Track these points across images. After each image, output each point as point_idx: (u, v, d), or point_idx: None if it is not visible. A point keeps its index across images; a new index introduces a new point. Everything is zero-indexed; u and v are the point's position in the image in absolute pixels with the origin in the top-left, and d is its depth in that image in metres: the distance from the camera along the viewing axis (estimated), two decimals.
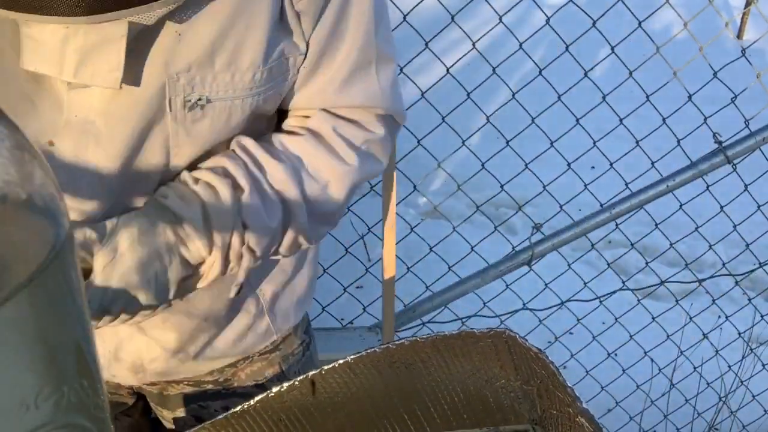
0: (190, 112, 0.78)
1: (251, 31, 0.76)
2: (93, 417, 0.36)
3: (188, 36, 0.74)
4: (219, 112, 0.80)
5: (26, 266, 0.29)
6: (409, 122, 1.93)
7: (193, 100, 0.77)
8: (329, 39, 0.83)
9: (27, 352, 0.31)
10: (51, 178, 0.32)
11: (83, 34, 0.69)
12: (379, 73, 0.88)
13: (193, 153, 0.82)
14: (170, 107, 0.77)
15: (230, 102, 0.79)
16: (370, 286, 2.25)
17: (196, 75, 0.76)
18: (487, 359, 0.79)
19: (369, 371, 0.79)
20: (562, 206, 2.05)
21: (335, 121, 0.88)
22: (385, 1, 0.88)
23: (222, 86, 0.78)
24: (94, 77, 0.71)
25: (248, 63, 0.78)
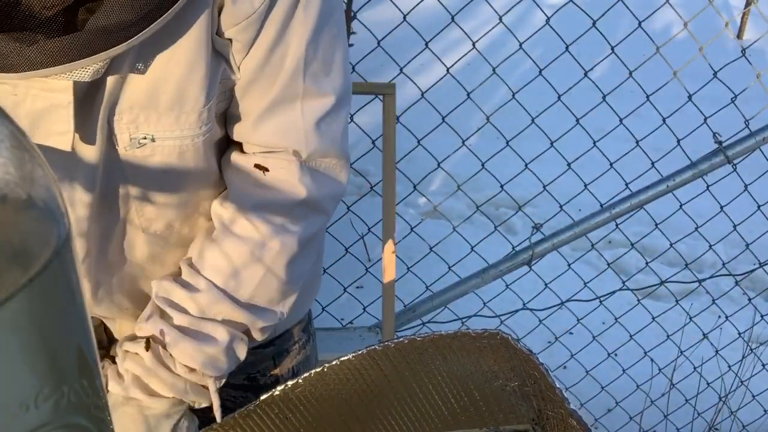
0: (139, 148, 0.78)
1: (191, 74, 0.76)
2: (93, 417, 0.36)
3: (131, 79, 0.75)
4: (169, 151, 0.80)
5: (26, 266, 0.29)
6: (409, 122, 1.93)
7: (139, 138, 0.78)
8: (258, 70, 0.80)
9: (27, 352, 0.31)
10: (51, 178, 0.32)
11: (31, 101, 0.71)
12: (305, 110, 0.83)
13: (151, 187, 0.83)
14: (117, 142, 0.78)
15: (180, 141, 0.79)
16: (370, 286, 2.25)
17: (139, 114, 0.77)
18: (485, 359, 0.79)
19: (371, 368, 0.80)
20: (562, 206, 2.05)
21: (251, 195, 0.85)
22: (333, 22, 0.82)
23: (167, 126, 0.78)
24: (47, 139, 0.73)
25: (192, 104, 0.77)
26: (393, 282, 1.66)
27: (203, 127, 0.80)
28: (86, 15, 0.66)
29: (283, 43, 0.79)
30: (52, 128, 0.73)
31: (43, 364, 0.32)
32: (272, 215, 0.86)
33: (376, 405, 0.82)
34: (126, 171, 0.81)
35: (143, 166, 0.80)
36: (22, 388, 0.31)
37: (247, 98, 0.82)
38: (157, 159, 0.80)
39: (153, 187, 0.83)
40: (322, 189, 0.89)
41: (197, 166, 0.83)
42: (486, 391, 0.81)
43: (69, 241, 0.32)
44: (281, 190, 0.86)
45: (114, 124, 0.77)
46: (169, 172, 0.82)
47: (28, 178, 0.30)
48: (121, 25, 0.66)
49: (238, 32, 0.76)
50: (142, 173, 0.81)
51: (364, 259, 2.32)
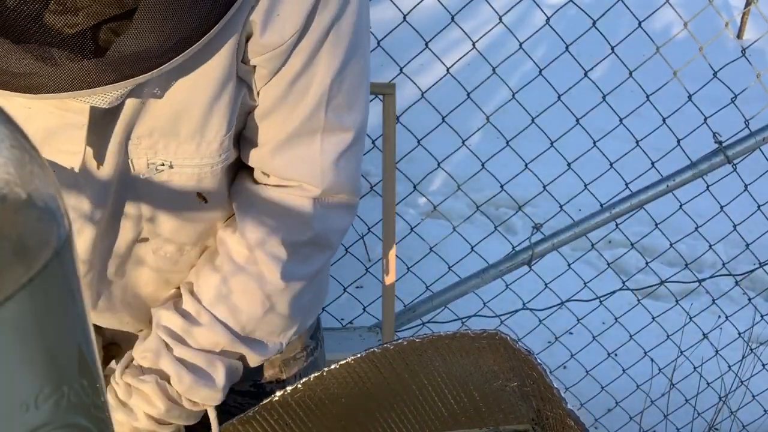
0: (156, 174, 0.77)
1: (215, 103, 0.74)
2: (93, 417, 0.36)
3: (151, 104, 0.72)
4: (187, 178, 0.78)
5: (26, 266, 0.29)
6: (409, 122, 1.93)
7: (157, 164, 0.76)
8: (279, 98, 0.78)
9: (27, 352, 0.31)
10: (51, 178, 0.32)
11: (44, 117, 0.69)
12: (324, 144, 0.81)
13: (167, 215, 0.82)
14: (133, 167, 0.76)
15: (198, 169, 0.78)
16: (370, 286, 2.25)
17: (159, 140, 0.75)
18: (484, 359, 0.79)
19: (370, 371, 0.79)
20: (562, 206, 2.05)
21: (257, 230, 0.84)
22: (360, 55, 0.80)
23: (187, 154, 0.76)
24: (56, 155, 0.71)
25: (213, 133, 0.75)
26: (393, 282, 1.66)
27: (223, 155, 0.78)
28: (109, 35, 0.63)
29: (308, 74, 0.76)
30: (63, 146, 0.71)
31: (43, 364, 0.32)
32: (280, 252, 0.84)
33: (375, 407, 0.82)
34: (140, 193, 0.79)
35: (159, 190, 0.79)
36: (22, 388, 0.31)
37: (265, 125, 0.80)
38: (175, 184, 0.78)
39: (169, 211, 0.81)
40: (331, 225, 0.87)
41: (214, 191, 0.82)
42: (486, 391, 0.81)
43: (69, 241, 0.32)
44: (291, 226, 0.85)
45: (131, 148, 0.75)
46: (186, 197, 0.80)
47: (28, 178, 0.30)
48: (147, 53, 0.63)
49: (264, 61, 0.74)
50: (158, 197, 0.79)
51: (364, 259, 2.32)
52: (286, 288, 0.85)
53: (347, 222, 0.90)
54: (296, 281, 0.86)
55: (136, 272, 0.88)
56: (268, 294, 0.85)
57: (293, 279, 0.86)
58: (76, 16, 0.61)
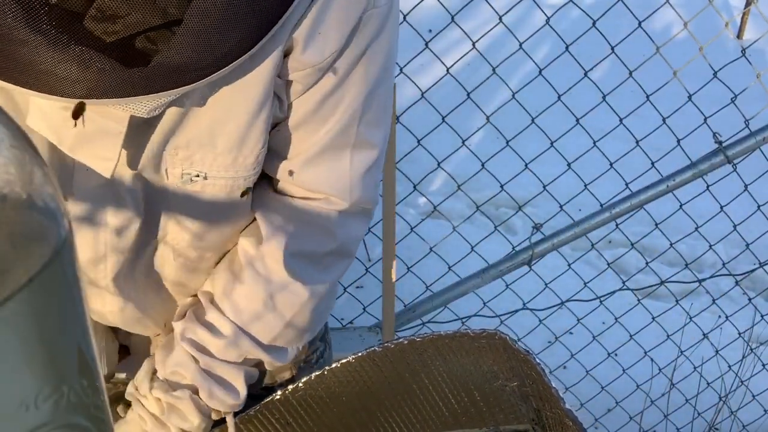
0: (188, 184, 0.77)
1: (255, 118, 0.74)
2: (93, 417, 0.36)
3: (190, 115, 0.72)
4: (219, 189, 0.78)
5: (26, 266, 0.29)
6: (409, 122, 1.93)
7: (192, 174, 0.76)
8: (310, 113, 0.78)
9: (27, 352, 0.31)
10: (51, 178, 0.32)
11: (81, 122, 0.68)
12: (354, 159, 0.82)
13: (193, 223, 0.82)
14: (167, 176, 0.76)
15: (232, 181, 0.78)
16: (370, 286, 2.25)
17: (196, 152, 0.75)
18: (484, 359, 0.79)
19: (371, 370, 0.80)
20: (562, 206, 2.05)
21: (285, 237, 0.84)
22: (389, 76, 0.81)
23: (223, 167, 0.76)
24: (89, 160, 0.71)
25: (251, 147, 0.76)
26: (393, 282, 1.66)
27: (257, 167, 0.78)
28: (145, 43, 0.63)
29: (342, 90, 0.77)
30: (98, 152, 0.70)
31: (43, 364, 0.32)
32: (304, 262, 0.86)
33: (376, 406, 0.82)
34: (170, 201, 0.79)
35: (191, 199, 0.79)
36: (22, 388, 0.31)
37: (296, 139, 0.80)
38: (207, 195, 0.78)
39: (197, 219, 0.81)
40: (352, 235, 0.89)
41: (243, 202, 0.82)
42: (486, 391, 0.81)
43: (69, 241, 0.32)
44: (316, 237, 0.86)
45: (166, 158, 0.75)
46: (216, 207, 0.80)
47: (28, 178, 0.30)
48: (193, 64, 0.63)
49: (301, 77, 0.75)
50: (188, 206, 0.79)
51: (364, 259, 2.32)
52: (310, 298, 0.87)
53: (365, 230, 0.92)
54: (319, 290, 0.88)
55: (159, 274, 0.88)
56: (291, 303, 0.86)
57: (316, 288, 0.87)
58: (115, 24, 0.61)
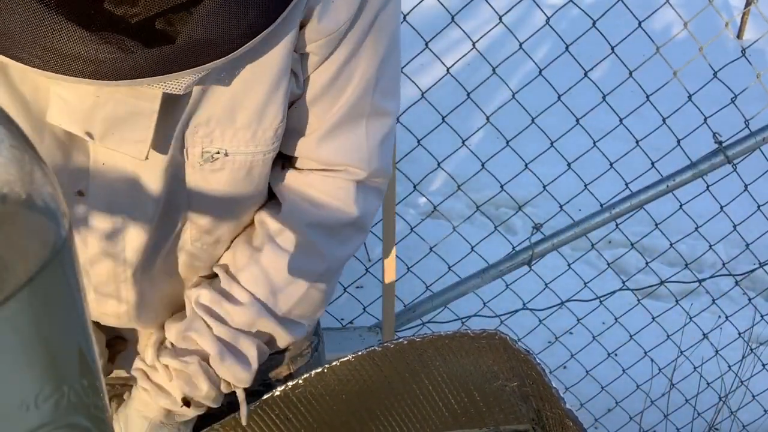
0: (209, 163, 0.77)
1: (274, 92, 0.75)
2: (93, 417, 0.36)
3: (210, 91, 0.73)
4: (239, 166, 0.78)
5: (26, 266, 0.29)
6: (409, 122, 1.93)
7: (212, 152, 0.76)
8: (326, 86, 0.79)
9: (27, 352, 0.31)
10: (51, 178, 0.32)
11: (113, 104, 0.68)
12: (369, 129, 0.83)
13: (211, 201, 0.81)
14: (187, 156, 0.76)
15: (251, 157, 0.78)
16: (370, 286, 2.25)
17: (215, 128, 0.75)
18: (484, 358, 0.79)
19: (371, 369, 0.80)
20: (562, 206, 2.05)
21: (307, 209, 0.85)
22: (397, 45, 0.83)
23: (243, 142, 0.77)
24: (120, 145, 0.70)
25: (270, 121, 0.76)
26: (393, 282, 1.66)
27: (276, 142, 0.79)
28: (164, 24, 0.64)
29: (355, 60, 0.78)
30: (129, 135, 0.70)
31: (43, 364, 0.32)
32: (322, 234, 0.86)
33: (376, 405, 0.82)
34: (190, 184, 0.79)
35: (210, 179, 0.79)
36: (22, 388, 0.31)
37: (312, 113, 0.81)
38: (226, 173, 0.79)
39: (215, 200, 0.81)
40: (369, 207, 0.88)
41: (260, 181, 0.82)
42: (486, 391, 0.81)
43: (69, 241, 0.32)
44: (335, 209, 0.85)
45: (187, 137, 0.75)
46: (235, 186, 0.80)
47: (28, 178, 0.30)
48: (223, 37, 0.64)
49: (317, 47, 0.76)
50: (207, 186, 0.79)
51: (364, 259, 2.32)
52: (327, 270, 0.87)
53: (379, 205, 0.92)
54: (336, 263, 0.88)
55: (173, 266, 0.87)
56: (309, 275, 0.86)
57: (333, 261, 0.87)
58: (135, 6, 0.62)
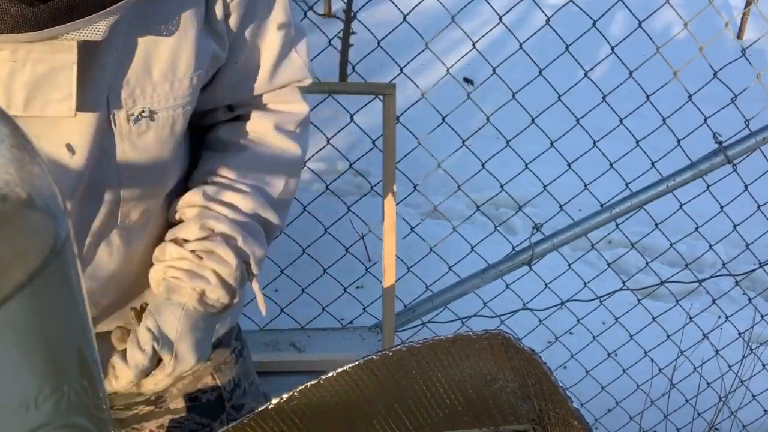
0: (135, 125, 0.79)
1: (182, 40, 0.78)
2: (93, 417, 0.36)
3: (125, 50, 0.75)
4: (163, 123, 0.81)
5: (26, 266, 0.29)
6: (409, 122, 1.93)
7: (136, 113, 0.78)
8: (255, 29, 0.87)
9: (27, 352, 0.31)
10: (51, 178, 0.32)
11: (31, 66, 0.69)
12: (298, 48, 0.94)
13: (141, 168, 0.83)
14: (114, 123, 0.78)
15: (172, 111, 0.82)
16: (370, 286, 2.25)
17: (135, 87, 0.77)
18: (484, 361, 0.79)
19: (368, 379, 0.79)
20: (562, 206, 2.05)
21: (270, 118, 0.95)
22: None
23: (163, 96, 0.80)
24: (44, 108, 0.71)
25: (184, 70, 0.80)
26: (393, 282, 1.66)
27: (193, 94, 0.83)
28: None
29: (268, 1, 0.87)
30: (52, 95, 0.71)
31: (43, 364, 0.32)
32: (286, 131, 0.97)
33: (373, 414, 0.81)
34: (120, 154, 0.81)
35: (138, 144, 0.81)
36: (23, 388, 0.31)
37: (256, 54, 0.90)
38: (152, 133, 0.81)
39: (145, 168, 0.84)
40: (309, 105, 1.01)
41: (182, 140, 0.88)
42: (485, 393, 0.81)
43: (69, 241, 0.32)
44: (292, 112, 0.97)
45: (110, 100, 0.77)
46: (162, 147, 0.84)
47: (28, 178, 0.30)
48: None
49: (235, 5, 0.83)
50: (136, 154, 0.82)
51: (364, 259, 2.32)
52: (301, 157, 0.99)
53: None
54: (304, 153, 1.00)
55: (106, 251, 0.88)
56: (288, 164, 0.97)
57: (302, 150, 0.99)
58: None
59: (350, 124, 1.86)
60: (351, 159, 1.96)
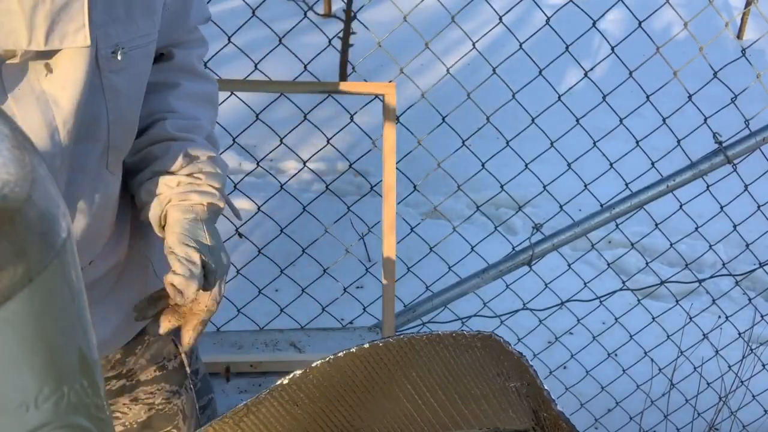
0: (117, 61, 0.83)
1: None
2: (93, 417, 0.36)
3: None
4: (138, 60, 0.87)
5: (26, 266, 0.29)
6: (409, 122, 1.93)
7: (118, 50, 0.83)
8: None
9: (27, 352, 0.31)
10: (51, 178, 0.32)
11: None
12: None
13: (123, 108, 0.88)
14: (98, 62, 0.82)
15: (145, 47, 0.87)
16: (370, 286, 2.25)
17: (117, 24, 0.82)
18: (482, 360, 0.80)
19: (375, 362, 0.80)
20: (562, 206, 2.05)
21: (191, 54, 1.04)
22: None
23: (137, 33, 0.85)
24: (63, 41, 0.75)
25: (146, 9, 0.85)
26: (393, 282, 1.66)
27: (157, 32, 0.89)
28: None
29: None
30: (68, 27, 0.75)
31: (43, 364, 0.32)
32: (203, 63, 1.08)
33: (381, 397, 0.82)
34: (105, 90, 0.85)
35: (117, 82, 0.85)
36: (23, 388, 0.31)
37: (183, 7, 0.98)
38: (131, 71, 0.86)
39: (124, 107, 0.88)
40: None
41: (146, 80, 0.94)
42: (486, 391, 0.81)
43: (69, 241, 0.32)
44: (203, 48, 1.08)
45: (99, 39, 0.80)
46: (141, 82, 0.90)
47: (28, 178, 0.30)
48: None
49: None
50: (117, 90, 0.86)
51: (364, 259, 2.32)
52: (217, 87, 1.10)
53: None
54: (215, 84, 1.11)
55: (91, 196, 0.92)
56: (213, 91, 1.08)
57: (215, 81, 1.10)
58: None
59: (350, 124, 1.86)
60: (351, 159, 1.96)
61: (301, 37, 2.24)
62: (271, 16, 2.24)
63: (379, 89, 1.58)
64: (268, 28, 1.92)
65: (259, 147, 3.45)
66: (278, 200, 2.06)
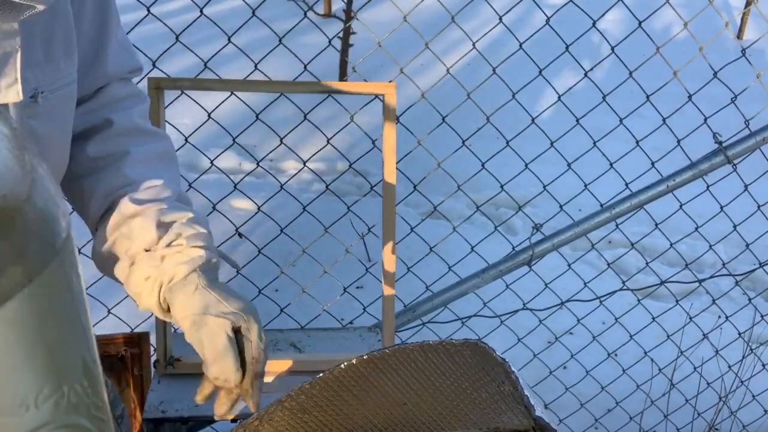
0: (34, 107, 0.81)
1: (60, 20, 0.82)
2: (93, 417, 0.36)
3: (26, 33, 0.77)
4: (60, 102, 0.85)
5: (26, 266, 0.29)
6: (409, 122, 1.93)
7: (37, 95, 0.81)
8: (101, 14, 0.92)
9: (27, 352, 0.31)
10: (51, 178, 0.32)
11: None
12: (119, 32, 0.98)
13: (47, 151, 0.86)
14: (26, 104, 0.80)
15: (67, 88, 0.85)
16: (370, 286, 2.25)
17: (36, 70, 0.80)
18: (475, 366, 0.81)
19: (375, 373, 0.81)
20: (562, 206, 2.05)
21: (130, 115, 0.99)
22: None
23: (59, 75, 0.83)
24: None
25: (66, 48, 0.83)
26: (393, 282, 1.66)
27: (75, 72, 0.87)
28: None
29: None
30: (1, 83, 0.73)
31: (43, 364, 0.32)
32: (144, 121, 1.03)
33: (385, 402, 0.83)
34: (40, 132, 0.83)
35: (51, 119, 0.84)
36: (23, 388, 0.31)
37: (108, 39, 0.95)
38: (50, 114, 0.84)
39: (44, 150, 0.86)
40: None
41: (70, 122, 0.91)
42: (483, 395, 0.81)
43: (69, 241, 0.32)
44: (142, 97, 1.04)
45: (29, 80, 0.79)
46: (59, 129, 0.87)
47: (28, 178, 0.30)
48: None
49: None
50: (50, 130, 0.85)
51: (364, 259, 2.32)
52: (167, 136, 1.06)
53: None
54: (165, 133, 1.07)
55: None
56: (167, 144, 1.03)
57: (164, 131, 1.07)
58: None
59: (350, 124, 1.86)
60: (351, 159, 1.96)
61: (301, 37, 2.24)
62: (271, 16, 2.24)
63: (379, 89, 1.58)
64: (268, 28, 1.92)
65: (259, 147, 3.45)
66: (278, 200, 2.06)
